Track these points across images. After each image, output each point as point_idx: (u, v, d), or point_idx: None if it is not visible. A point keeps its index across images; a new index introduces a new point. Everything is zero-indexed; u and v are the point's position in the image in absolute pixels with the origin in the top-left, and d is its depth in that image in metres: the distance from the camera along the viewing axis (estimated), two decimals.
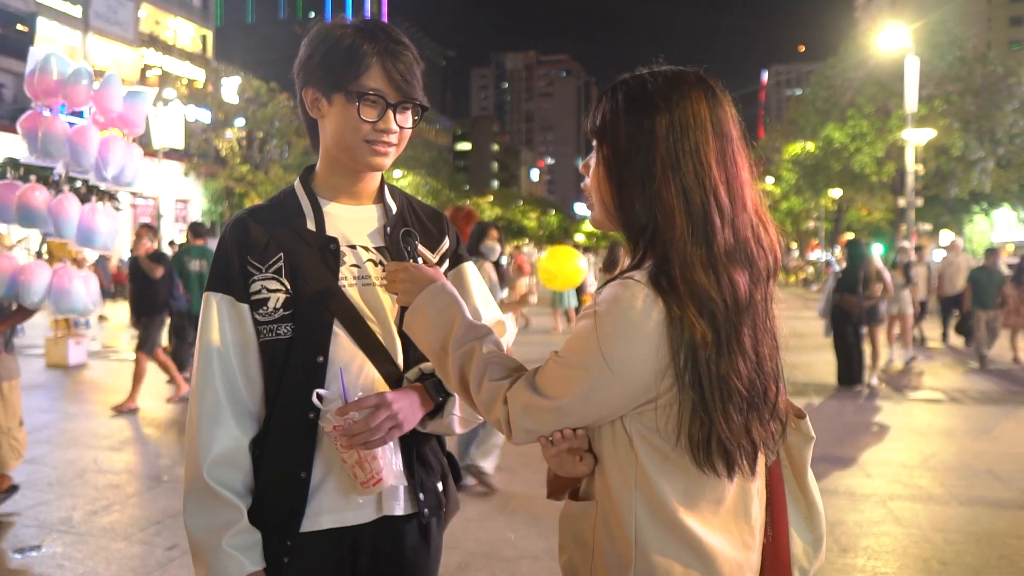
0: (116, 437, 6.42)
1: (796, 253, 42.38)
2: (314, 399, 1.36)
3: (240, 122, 30.25)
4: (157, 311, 7.78)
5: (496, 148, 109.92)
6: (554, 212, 78.63)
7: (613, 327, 1.10)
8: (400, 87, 1.41)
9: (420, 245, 1.50)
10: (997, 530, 4.29)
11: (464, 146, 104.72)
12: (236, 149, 29.67)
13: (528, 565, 3.79)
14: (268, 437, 1.44)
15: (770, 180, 35.61)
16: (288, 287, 1.43)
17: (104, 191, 4.81)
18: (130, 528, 4.30)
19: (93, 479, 5.23)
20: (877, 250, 12.31)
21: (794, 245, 43.70)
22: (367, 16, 1.87)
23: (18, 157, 4.28)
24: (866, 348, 9.03)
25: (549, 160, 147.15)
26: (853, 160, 27.29)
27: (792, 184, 32.81)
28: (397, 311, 1.46)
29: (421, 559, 1.51)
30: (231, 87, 30.91)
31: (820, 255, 38.44)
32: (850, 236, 21.02)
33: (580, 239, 60.58)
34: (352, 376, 1.41)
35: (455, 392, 1.32)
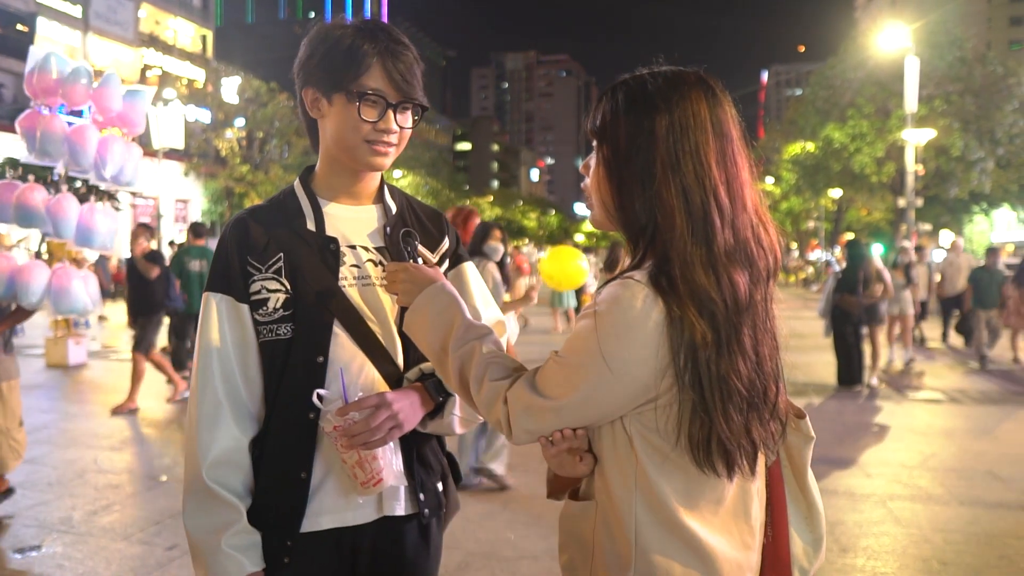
0: (116, 437, 6.42)
1: (796, 253, 42.38)
2: (314, 399, 1.36)
3: (240, 122, 30.24)
4: (154, 311, 7.77)
5: (496, 148, 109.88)
6: (554, 212, 78.62)
7: (613, 327, 1.10)
8: (400, 87, 1.41)
9: (420, 245, 1.50)
10: (997, 530, 4.29)
11: (464, 146, 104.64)
12: (236, 149, 29.66)
13: (528, 565, 3.79)
14: (268, 437, 1.44)
15: (770, 180, 35.61)
16: (288, 287, 1.43)
17: (104, 191, 4.79)
18: (130, 528, 4.30)
19: (93, 479, 5.23)
20: (877, 250, 12.30)
21: (794, 245, 43.70)
22: (367, 16, 1.87)
23: (19, 157, 4.25)
24: (866, 348, 9.03)
25: (549, 160, 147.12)
26: (853, 160, 27.30)
27: (792, 184, 32.82)
28: (397, 311, 1.46)
29: (421, 559, 1.51)
30: (231, 87, 30.89)
31: (820, 255, 38.44)
32: (850, 236, 21.01)
33: (580, 239, 60.55)
34: (352, 376, 1.41)
35: (455, 392, 1.32)
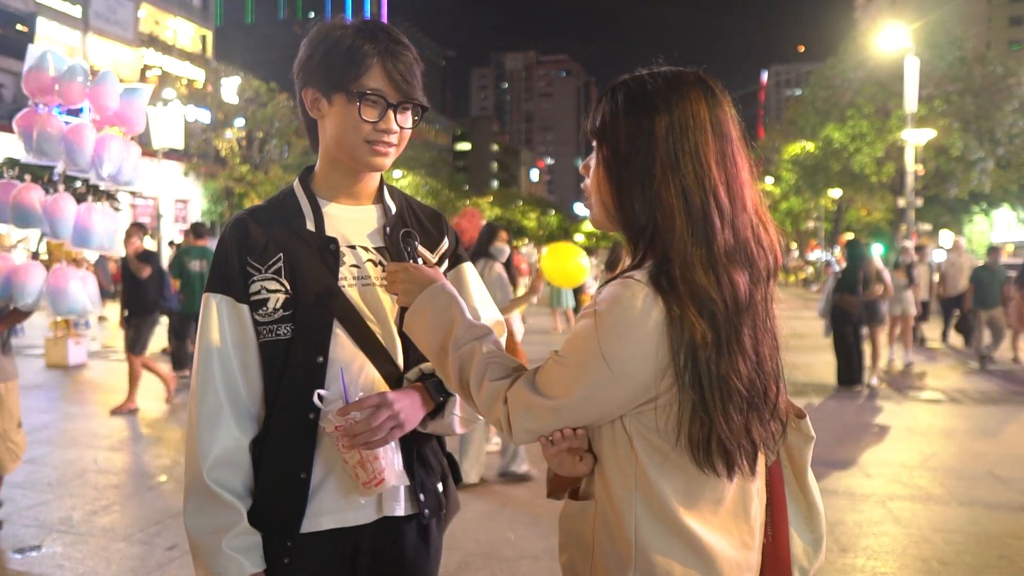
0: (116, 437, 6.42)
1: (796, 253, 42.40)
2: (315, 399, 1.36)
3: (240, 122, 30.21)
4: (147, 311, 7.67)
5: (496, 148, 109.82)
6: (554, 212, 78.58)
7: (613, 326, 1.10)
8: (400, 87, 1.41)
9: (419, 246, 1.50)
10: (997, 530, 4.29)
11: (464, 146, 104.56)
12: (236, 149, 29.64)
13: (528, 565, 3.79)
14: (268, 438, 1.44)
15: (770, 180, 35.61)
16: (288, 287, 1.42)
17: (103, 191, 4.76)
18: (130, 528, 4.30)
19: (93, 479, 5.23)
20: (877, 250, 12.30)
21: (794, 245, 43.71)
22: (367, 16, 1.87)
23: (19, 157, 4.22)
24: (866, 348, 9.03)
25: (549, 160, 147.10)
26: (853, 160, 27.30)
27: (792, 184, 32.82)
28: (397, 311, 1.46)
29: (421, 560, 1.51)
30: (231, 87, 30.86)
31: (820, 255, 38.45)
32: (850, 236, 21.01)
33: (580, 239, 60.56)
34: (352, 376, 1.41)
35: (455, 392, 1.32)
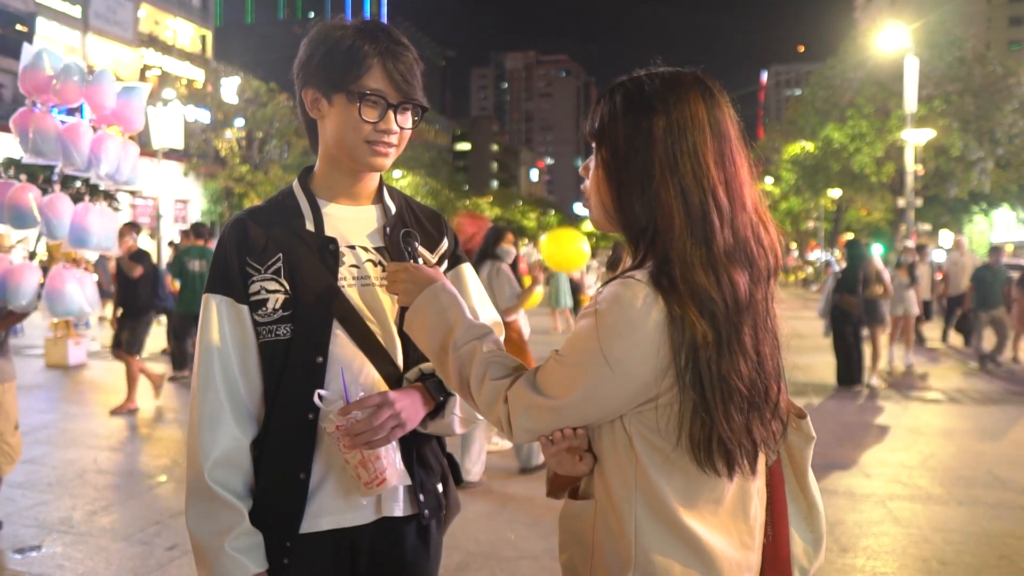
0: (116, 437, 6.42)
1: (796, 253, 42.41)
2: (315, 399, 1.36)
3: (239, 122, 30.21)
4: (141, 311, 7.60)
5: (496, 148, 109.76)
6: (554, 212, 78.57)
7: (614, 326, 1.10)
8: (401, 87, 1.41)
9: (419, 246, 1.50)
10: (997, 530, 4.29)
11: (464, 146, 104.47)
12: (235, 149, 29.64)
13: (528, 565, 3.79)
14: (267, 438, 1.44)
15: (769, 180, 35.62)
16: (287, 288, 1.42)
17: (101, 191, 4.74)
18: (130, 528, 4.29)
19: (93, 479, 5.23)
20: (877, 250, 12.30)
21: (794, 245, 43.72)
22: (367, 16, 1.87)
23: (20, 157, 4.20)
24: (867, 349, 9.03)
25: (549, 160, 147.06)
26: (852, 160, 27.30)
27: (791, 184, 32.83)
28: (397, 311, 1.46)
29: (420, 560, 1.51)
30: (230, 87, 30.86)
31: (819, 255, 38.45)
32: (850, 236, 21.03)
33: None
34: (352, 376, 1.41)
35: (456, 392, 1.32)
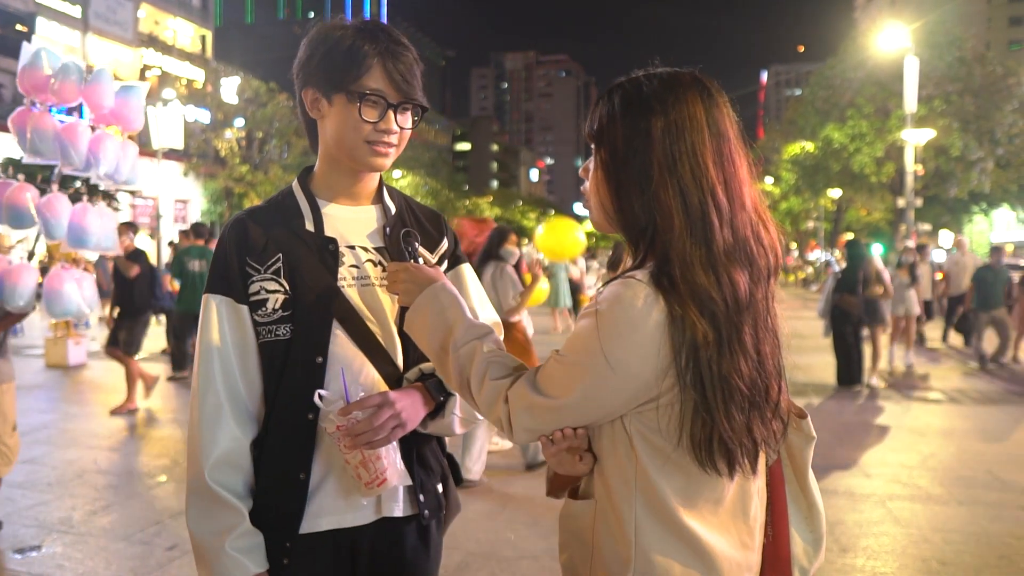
0: (116, 437, 6.42)
1: (796, 253, 42.42)
2: (316, 400, 1.36)
3: (239, 122, 30.22)
4: (138, 311, 7.60)
5: (496, 148, 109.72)
6: (553, 212, 78.51)
7: (614, 325, 1.10)
8: (401, 87, 1.41)
9: (420, 246, 1.50)
10: (996, 530, 4.30)
11: (463, 146, 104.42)
12: (235, 149, 29.65)
13: (528, 565, 3.79)
14: (267, 438, 1.43)
15: (769, 180, 35.63)
16: (287, 288, 1.42)
17: (100, 191, 4.73)
18: (130, 528, 4.29)
19: (93, 479, 5.23)
20: (877, 250, 12.30)
21: (794, 245, 43.73)
22: (366, 16, 1.87)
23: (20, 157, 4.19)
24: (867, 349, 9.03)
25: (548, 160, 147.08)
26: (852, 160, 27.32)
27: (791, 184, 32.84)
28: (396, 311, 1.46)
29: (420, 561, 1.51)
30: (230, 87, 30.87)
31: (819, 255, 38.46)
32: (849, 236, 21.03)
33: None
34: (352, 376, 1.41)
35: (456, 391, 1.32)
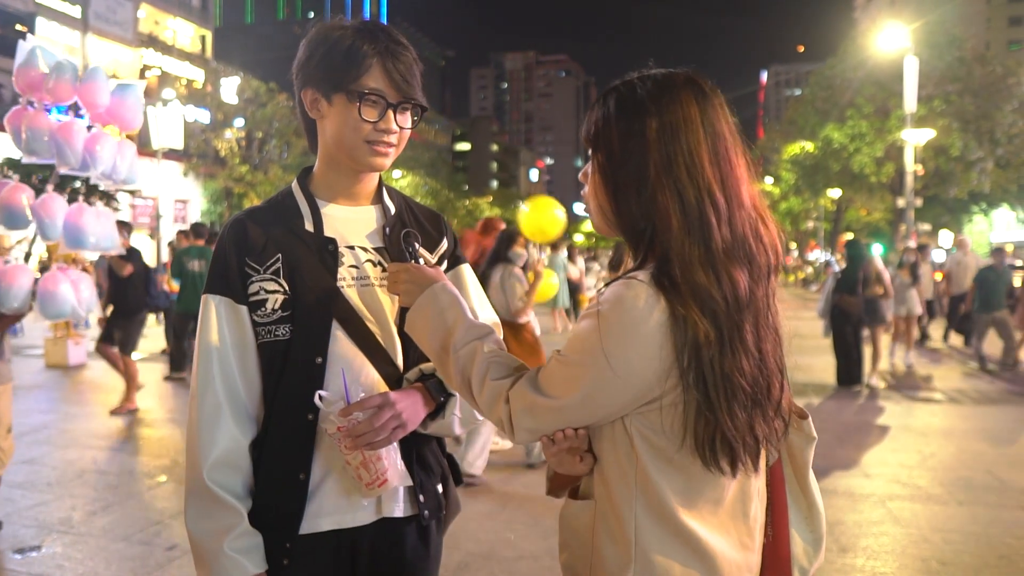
0: (116, 437, 6.42)
1: (795, 253, 42.43)
2: (316, 400, 1.36)
3: (239, 122, 30.22)
4: (132, 310, 7.58)
5: (495, 148, 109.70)
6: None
7: (616, 326, 1.10)
8: (400, 87, 1.41)
9: (420, 246, 1.50)
10: (996, 530, 4.29)
11: (463, 146, 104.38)
12: (235, 149, 29.64)
13: (528, 565, 3.79)
14: (267, 438, 1.43)
15: (769, 180, 35.65)
16: (286, 288, 1.42)
17: (99, 191, 4.72)
18: (130, 528, 4.29)
19: (93, 479, 5.23)
20: (877, 250, 12.30)
21: (794, 245, 43.74)
22: (366, 16, 1.86)
23: (19, 157, 4.18)
24: (867, 349, 9.02)
25: (548, 160, 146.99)
26: (852, 160, 27.32)
27: (791, 184, 32.86)
28: (396, 312, 1.46)
29: (420, 561, 1.51)
30: (230, 87, 30.87)
31: (819, 255, 38.47)
32: (849, 236, 21.02)
33: (580, 239, 60.75)
34: (353, 376, 1.41)
35: (457, 392, 1.32)
